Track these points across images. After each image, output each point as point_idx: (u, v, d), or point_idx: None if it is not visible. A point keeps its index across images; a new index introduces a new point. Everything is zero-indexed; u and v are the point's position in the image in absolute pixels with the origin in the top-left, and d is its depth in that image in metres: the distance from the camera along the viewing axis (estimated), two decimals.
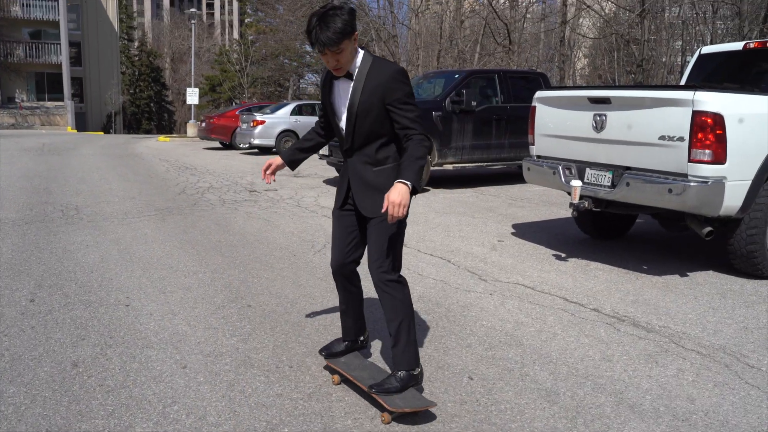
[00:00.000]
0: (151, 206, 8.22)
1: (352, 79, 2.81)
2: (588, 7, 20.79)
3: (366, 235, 3.00)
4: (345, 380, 3.15)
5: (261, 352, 3.53)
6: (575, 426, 2.78)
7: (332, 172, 12.48)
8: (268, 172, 3.16)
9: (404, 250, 5.90)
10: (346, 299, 3.20)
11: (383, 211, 2.67)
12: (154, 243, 6.08)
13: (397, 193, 2.63)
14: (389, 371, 3.07)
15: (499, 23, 24.17)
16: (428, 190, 10.23)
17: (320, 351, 3.27)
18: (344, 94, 2.86)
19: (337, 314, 4.15)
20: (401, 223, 2.89)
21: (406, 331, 2.89)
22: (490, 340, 3.77)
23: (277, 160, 3.18)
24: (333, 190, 10.26)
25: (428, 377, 3.24)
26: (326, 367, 3.29)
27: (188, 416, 2.81)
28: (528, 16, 30.03)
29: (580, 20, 27.99)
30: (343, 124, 2.90)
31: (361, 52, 2.82)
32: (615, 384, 3.20)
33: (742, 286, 4.96)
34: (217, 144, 22.02)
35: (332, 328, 3.91)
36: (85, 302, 4.30)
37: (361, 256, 3.11)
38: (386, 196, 2.65)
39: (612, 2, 21.46)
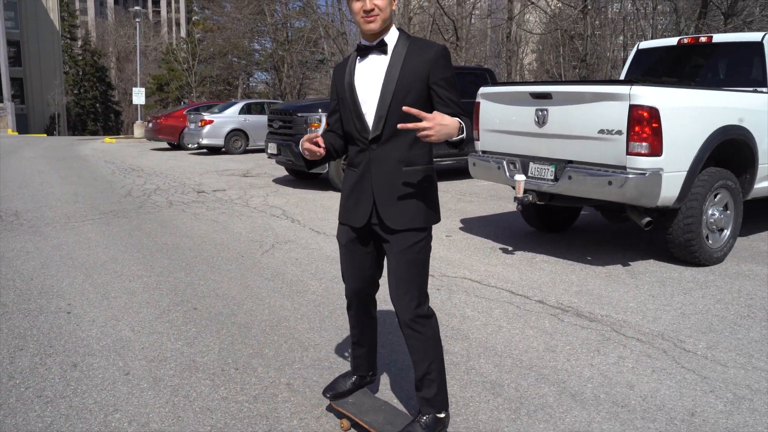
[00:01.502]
0: (95, 209, 8.03)
1: (385, 53, 2.42)
2: (532, 3, 21.13)
3: (381, 253, 2.62)
4: (355, 425, 2.71)
5: (206, 355, 3.49)
6: (518, 417, 2.83)
7: (281, 171, 12.39)
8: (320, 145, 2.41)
9: None
10: (362, 330, 2.76)
11: (413, 124, 2.14)
12: (98, 247, 5.94)
13: (448, 121, 2.19)
14: (404, 409, 2.87)
15: (447, 20, 24.35)
16: None
17: (324, 392, 2.80)
18: (376, 71, 2.43)
19: (284, 314, 4.13)
20: (428, 247, 2.50)
21: (437, 371, 2.52)
22: None
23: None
24: (282, 189, 10.20)
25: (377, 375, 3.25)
26: (330, 408, 2.90)
27: (130, 424, 2.76)
28: (476, 12, 30.32)
29: (527, 16, 28.45)
30: (369, 107, 2.42)
31: (396, 29, 2.47)
32: (558, 374, 3.27)
33: (681, 273, 5.12)
34: (164, 145, 21.61)
35: (279, 328, 3.89)
36: (23, 311, 4.18)
37: (379, 278, 2.70)
38: (434, 114, 2.18)
39: None
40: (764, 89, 6.02)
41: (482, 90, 6.09)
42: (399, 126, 2.20)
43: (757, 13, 13.96)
